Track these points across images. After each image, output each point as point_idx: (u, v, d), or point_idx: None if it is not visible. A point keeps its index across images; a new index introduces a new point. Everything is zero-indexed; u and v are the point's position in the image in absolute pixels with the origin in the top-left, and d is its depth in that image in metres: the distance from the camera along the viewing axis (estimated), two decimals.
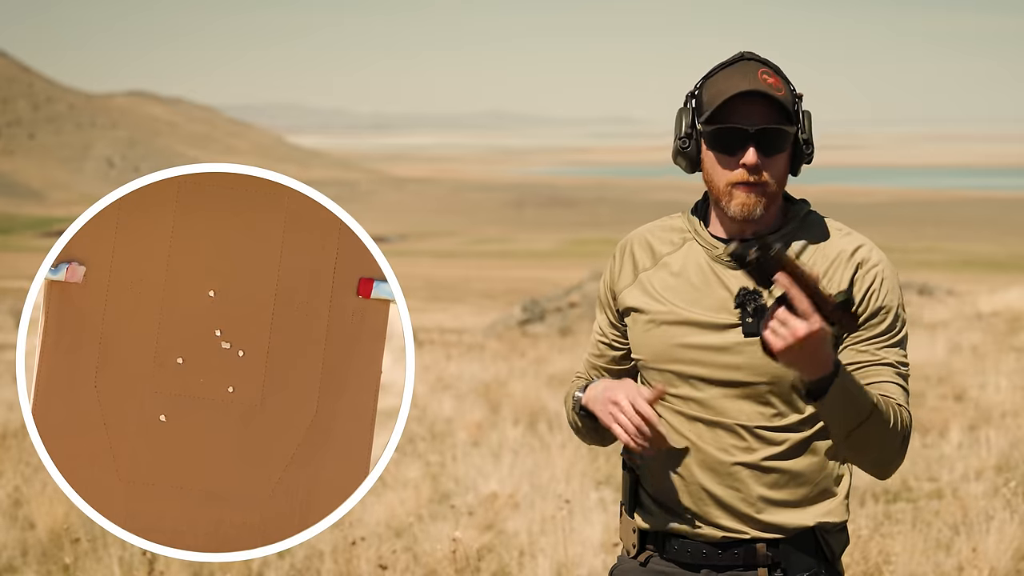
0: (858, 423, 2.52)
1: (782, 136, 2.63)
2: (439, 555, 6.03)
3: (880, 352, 2.64)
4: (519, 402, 11.02)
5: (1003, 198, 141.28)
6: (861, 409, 2.51)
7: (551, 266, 75.91)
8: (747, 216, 2.63)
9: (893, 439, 2.59)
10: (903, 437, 2.61)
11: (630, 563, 2.80)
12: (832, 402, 2.47)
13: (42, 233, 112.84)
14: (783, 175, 2.66)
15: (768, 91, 2.60)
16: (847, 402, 2.49)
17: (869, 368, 2.63)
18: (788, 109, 2.62)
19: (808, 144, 2.66)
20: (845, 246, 2.67)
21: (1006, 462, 8.21)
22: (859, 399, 2.51)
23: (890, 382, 2.63)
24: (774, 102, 2.61)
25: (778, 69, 2.67)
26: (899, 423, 2.59)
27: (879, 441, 2.57)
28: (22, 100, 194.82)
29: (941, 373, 11.86)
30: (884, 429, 2.55)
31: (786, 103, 2.62)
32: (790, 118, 2.63)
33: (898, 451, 2.61)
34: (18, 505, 7.32)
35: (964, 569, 5.85)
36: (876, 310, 2.64)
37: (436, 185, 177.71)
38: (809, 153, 2.66)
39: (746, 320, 2.60)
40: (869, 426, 2.53)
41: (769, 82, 2.62)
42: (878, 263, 2.65)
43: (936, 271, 54.94)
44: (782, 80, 2.65)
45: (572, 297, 23.12)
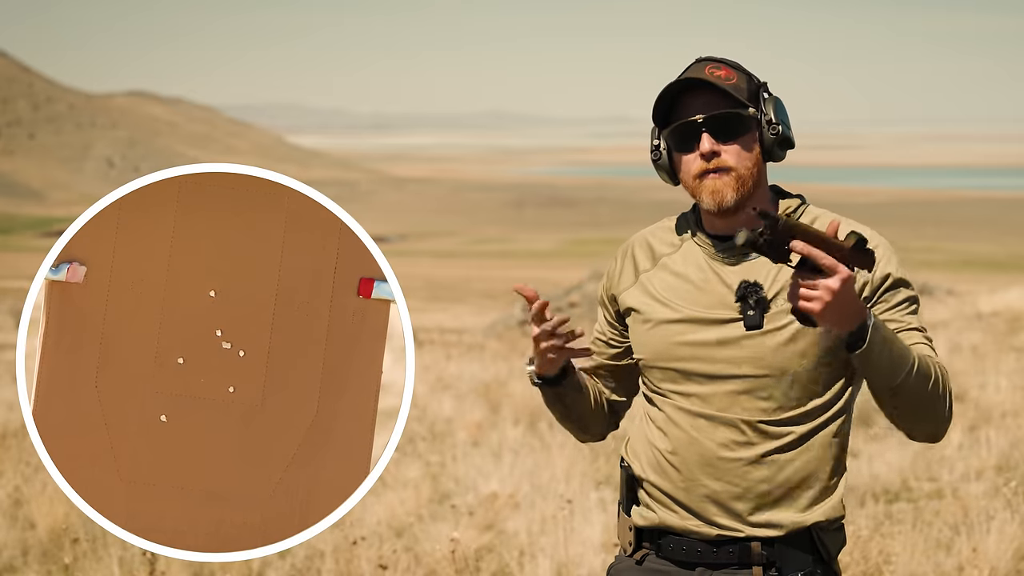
0: (903, 373, 2.52)
1: (734, 120, 2.64)
2: (439, 555, 6.03)
3: (906, 318, 2.65)
4: (519, 402, 11.02)
5: (1003, 198, 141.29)
6: (903, 357, 2.51)
7: (551, 266, 75.91)
8: (720, 204, 2.65)
9: (939, 395, 2.58)
10: (948, 395, 2.60)
11: (626, 562, 2.81)
12: (873, 347, 2.47)
13: (42, 233, 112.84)
14: (749, 158, 2.66)
15: (712, 80, 2.64)
16: (888, 348, 2.49)
17: (900, 332, 2.64)
18: (737, 95, 2.64)
19: (773, 124, 2.66)
20: (844, 230, 2.65)
21: (1006, 462, 8.21)
22: (899, 345, 2.51)
23: (924, 344, 2.64)
24: (719, 89, 2.64)
25: (734, 64, 2.69)
26: (941, 379, 2.58)
27: (925, 394, 2.56)
28: (22, 100, 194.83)
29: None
30: (927, 382, 2.55)
31: (735, 90, 2.64)
32: (742, 103, 2.65)
33: (946, 409, 2.60)
34: (18, 505, 7.32)
35: (964, 569, 5.85)
36: (892, 284, 2.66)
37: (436, 185, 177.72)
38: (776, 134, 2.65)
39: (748, 313, 2.62)
40: (913, 377, 2.53)
41: (716, 74, 2.66)
42: (880, 243, 2.68)
43: (936, 271, 54.93)
44: (735, 71, 2.68)
45: (572, 297, 23.12)
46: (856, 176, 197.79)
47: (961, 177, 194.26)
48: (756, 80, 2.70)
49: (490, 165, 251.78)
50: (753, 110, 2.66)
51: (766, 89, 2.70)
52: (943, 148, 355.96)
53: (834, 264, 2.39)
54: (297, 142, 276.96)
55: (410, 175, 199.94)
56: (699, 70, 2.68)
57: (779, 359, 2.62)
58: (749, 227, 2.40)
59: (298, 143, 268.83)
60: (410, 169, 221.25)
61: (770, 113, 2.67)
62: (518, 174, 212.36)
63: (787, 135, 2.68)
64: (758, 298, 2.63)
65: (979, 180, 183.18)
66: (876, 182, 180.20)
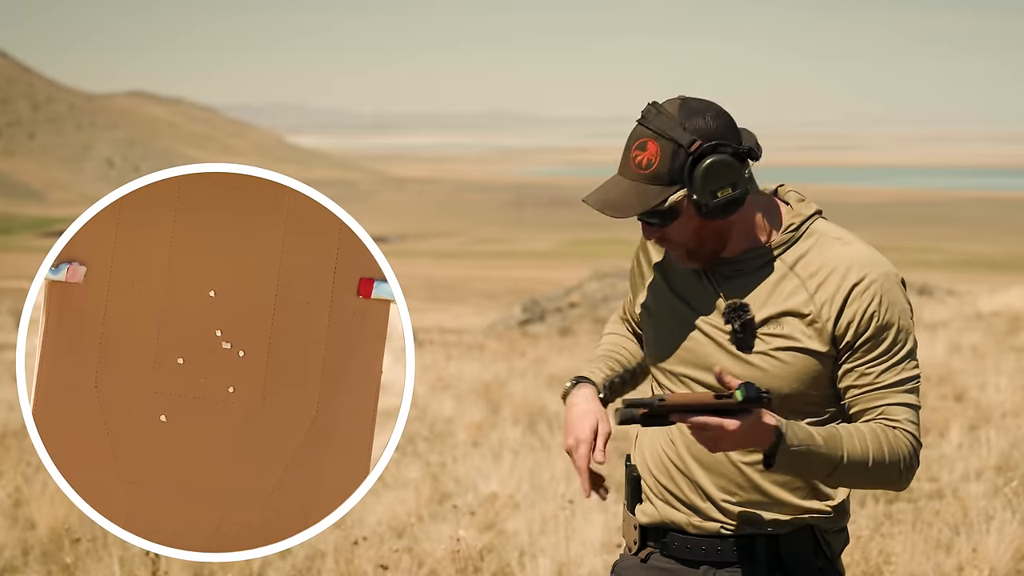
0: (828, 470, 2.56)
1: (660, 213, 2.60)
2: (440, 555, 6.03)
3: (883, 375, 2.62)
4: (519, 402, 11.02)
5: (1003, 198, 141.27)
6: (825, 460, 2.54)
7: (551, 266, 75.92)
8: (689, 266, 2.69)
9: (883, 470, 2.59)
10: (901, 461, 2.60)
11: (631, 560, 2.82)
12: (785, 466, 2.52)
13: (42, 233, 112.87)
14: (694, 230, 2.62)
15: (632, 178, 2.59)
16: (803, 460, 2.53)
17: (871, 392, 2.62)
18: (659, 182, 2.57)
19: (701, 204, 2.57)
20: (840, 261, 2.63)
21: (1006, 462, 8.20)
22: (820, 451, 2.53)
23: (895, 404, 2.62)
24: (640, 187, 2.58)
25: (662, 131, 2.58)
26: (892, 452, 2.59)
27: (864, 477, 2.59)
28: (22, 100, 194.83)
29: (941, 373, 11.85)
30: (863, 467, 2.57)
31: (656, 177, 2.57)
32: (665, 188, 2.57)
33: (898, 476, 2.61)
34: (19, 505, 7.32)
35: (964, 569, 5.84)
36: (877, 331, 2.60)
37: (436, 185, 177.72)
38: (707, 207, 2.57)
39: (737, 336, 2.63)
40: (844, 470, 2.56)
41: (639, 159, 2.59)
42: (875, 279, 2.61)
43: (936, 271, 54.92)
44: (660, 142, 2.57)
45: (572, 297, 23.12)
46: (856, 176, 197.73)
47: (961, 177, 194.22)
48: (686, 147, 2.58)
49: (490, 165, 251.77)
50: (680, 193, 2.59)
51: (698, 154, 2.57)
52: (943, 148, 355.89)
53: (712, 425, 2.44)
54: (297, 142, 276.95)
55: (410, 175, 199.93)
56: (625, 160, 2.61)
57: (770, 381, 2.63)
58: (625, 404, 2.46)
59: (298, 143, 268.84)
60: (410, 169, 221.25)
61: (698, 188, 2.57)
62: (518, 174, 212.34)
63: (724, 202, 2.58)
64: (743, 322, 2.63)
65: (979, 180, 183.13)
66: (876, 182, 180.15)
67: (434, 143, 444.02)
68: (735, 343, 2.64)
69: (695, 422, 2.44)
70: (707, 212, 2.58)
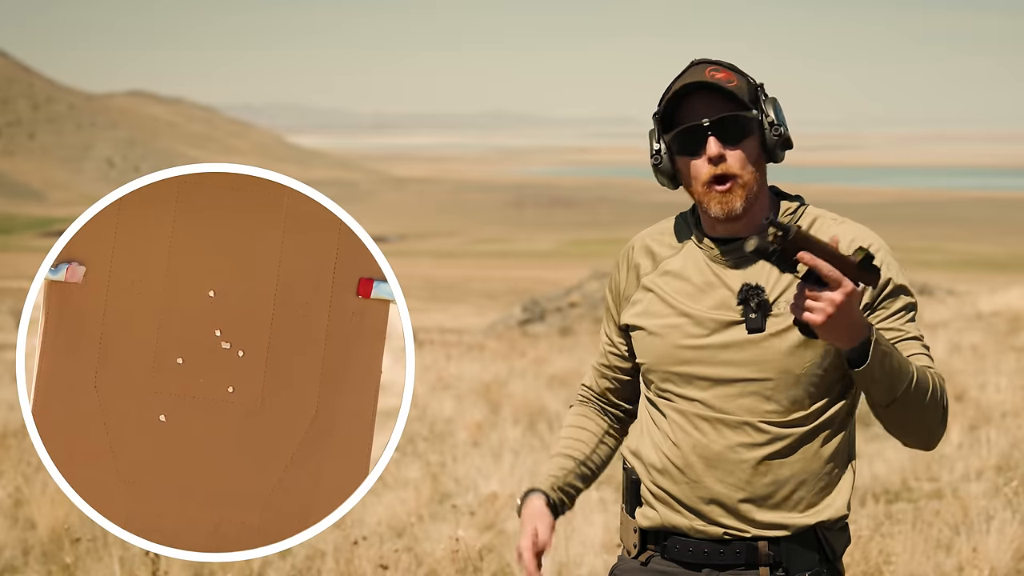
0: (902, 388, 2.51)
1: (739, 123, 2.63)
2: (439, 555, 6.03)
3: (905, 326, 2.65)
4: (519, 402, 11.02)
5: (1003, 198, 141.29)
6: (902, 371, 2.51)
7: (551, 266, 75.93)
8: (728, 214, 2.64)
9: (935, 407, 2.58)
10: (943, 406, 2.61)
11: (631, 563, 2.80)
12: (874, 365, 2.46)
13: (42, 233, 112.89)
14: (754, 163, 2.65)
15: (716, 83, 2.62)
16: (888, 364, 2.48)
17: (898, 343, 2.63)
18: (740, 97, 2.63)
19: (775, 126, 2.65)
20: (844, 234, 2.66)
21: (1006, 462, 8.20)
22: (898, 359, 2.51)
23: (922, 354, 2.64)
24: (724, 92, 2.63)
25: (731, 66, 2.68)
26: (938, 391, 2.59)
27: (922, 408, 2.56)
28: (22, 100, 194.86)
29: (941, 373, 11.86)
30: (924, 395, 2.55)
31: (738, 91, 2.63)
32: (745, 105, 2.64)
33: (940, 420, 2.61)
34: (19, 505, 7.32)
35: (964, 569, 5.84)
36: (894, 290, 2.65)
37: (436, 185, 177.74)
38: (778, 136, 2.65)
39: (749, 316, 2.62)
40: (911, 392, 2.53)
41: (717, 76, 2.64)
42: (880, 247, 2.66)
43: (936, 271, 54.93)
44: (734, 73, 2.67)
45: (572, 297, 23.13)
46: (857, 176, 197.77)
47: (961, 177, 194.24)
48: (753, 81, 2.69)
49: (490, 165, 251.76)
50: (755, 112, 2.66)
51: (763, 90, 2.69)
52: (943, 148, 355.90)
53: (840, 278, 2.37)
54: (297, 142, 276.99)
55: (410, 175, 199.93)
56: (699, 73, 2.65)
57: (782, 362, 2.62)
58: (758, 234, 2.38)
59: (298, 143, 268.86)
60: (410, 169, 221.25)
61: (771, 114, 2.66)
62: (518, 174, 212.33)
63: (788, 136, 2.67)
64: (760, 301, 2.62)
65: (979, 180, 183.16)
66: (877, 182, 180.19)
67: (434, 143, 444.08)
68: (748, 326, 2.62)
69: (824, 268, 2.35)
70: (776, 140, 2.63)
